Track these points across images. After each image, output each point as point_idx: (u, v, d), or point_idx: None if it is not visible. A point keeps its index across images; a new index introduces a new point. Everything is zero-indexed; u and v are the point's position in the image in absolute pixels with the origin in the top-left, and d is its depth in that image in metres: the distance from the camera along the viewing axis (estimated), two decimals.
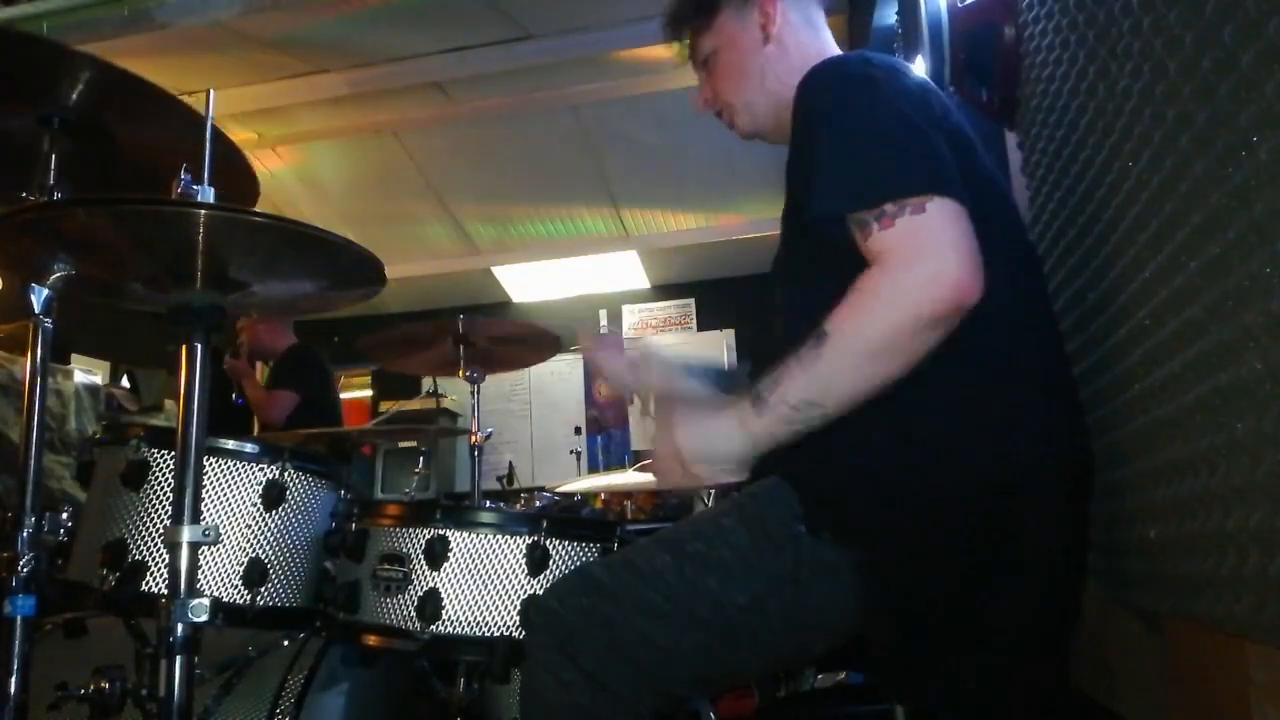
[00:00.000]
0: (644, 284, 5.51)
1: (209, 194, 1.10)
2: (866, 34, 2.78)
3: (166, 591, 1.08)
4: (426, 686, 1.52)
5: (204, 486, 1.21)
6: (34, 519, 1.23)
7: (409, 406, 4.78)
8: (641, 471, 2.50)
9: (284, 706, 1.50)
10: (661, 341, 5.47)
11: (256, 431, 3.94)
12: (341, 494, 1.59)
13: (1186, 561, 0.91)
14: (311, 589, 1.53)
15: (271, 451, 1.49)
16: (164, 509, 1.39)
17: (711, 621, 1.02)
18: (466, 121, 3.99)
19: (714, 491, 2.75)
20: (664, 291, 5.59)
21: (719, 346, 5.30)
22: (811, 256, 1.17)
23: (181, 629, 1.06)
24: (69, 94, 1.28)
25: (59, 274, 1.20)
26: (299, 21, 3.15)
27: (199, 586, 1.09)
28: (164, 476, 1.41)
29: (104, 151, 1.38)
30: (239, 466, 1.45)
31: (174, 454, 1.24)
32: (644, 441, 4.89)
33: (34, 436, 1.27)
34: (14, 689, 1.18)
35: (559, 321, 2.42)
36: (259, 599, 1.42)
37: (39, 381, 1.29)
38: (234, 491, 1.44)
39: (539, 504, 3.76)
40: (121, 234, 1.11)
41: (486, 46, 3.37)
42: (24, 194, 1.35)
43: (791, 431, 1.02)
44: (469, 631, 1.37)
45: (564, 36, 3.32)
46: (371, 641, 1.41)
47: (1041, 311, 1.17)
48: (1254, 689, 0.82)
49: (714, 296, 5.48)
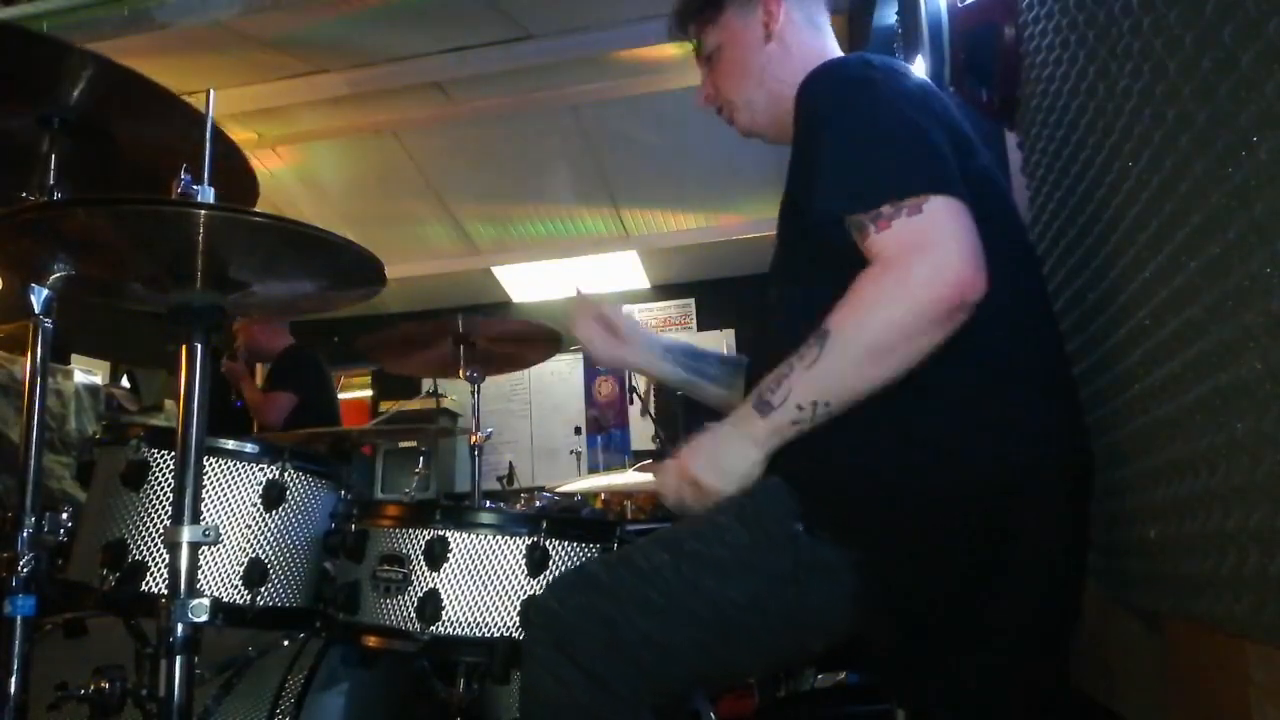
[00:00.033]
0: (644, 284, 5.51)
1: (209, 194, 1.10)
2: (866, 34, 2.78)
3: (166, 591, 1.08)
4: (426, 687, 1.52)
5: (204, 486, 1.21)
6: (34, 519, 1.24)
7: (409, 406, 4.79)
8: (641, 471, 2.49)
9: (284, 707, 1.50)
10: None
11: (256, 433, 3.93)
12: (341, 494, 1.59)
13: (1186, 561, 0.90)
14: (311, 589, 1.53)
15: (271, 451, 1.49)
16: (164, 509, 1.39)
17: (709, 620, 1.02)
18: (466, 121, 3.99)
19: None
20: (664, 291, 5.59)
21: (719, 346, 5.31)
22: (811, 257, 1.17)
23: (181, 629, 1.06)
24: (69, 93, 1.28)
25: (59, 274, 1.20)
26: (299, 21, 3.15)
27: (199, 586, 1.09)
28: (164, 476, 1.41)
29: (104, 151, 1.38)
30: (239, 466, 1.45)
31: (174, 454, 1.24)
32: (644, 441, 4.89)
33: (34, 436, 1.27)
34: (14, 689, 1.18)
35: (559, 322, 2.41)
36: (259, 599, 1.42)
37: (39, 381, 1.29)
38: (234, 491, 1.44)
39: (539, 504, 3.75)
40: (121, 234, 1.11)
41: (486, 46, 3.37)
42: (24, 194, 1.35)
43: (797, 431, 1.03)
44: (469, 632, 1.37)
45: (564, 36, 3.32)
46: (371, 642, 1.41)
47: (1041, 311, 1.17)
48: (1254, 689, 0.82)
49: (714, 296, 5.48)
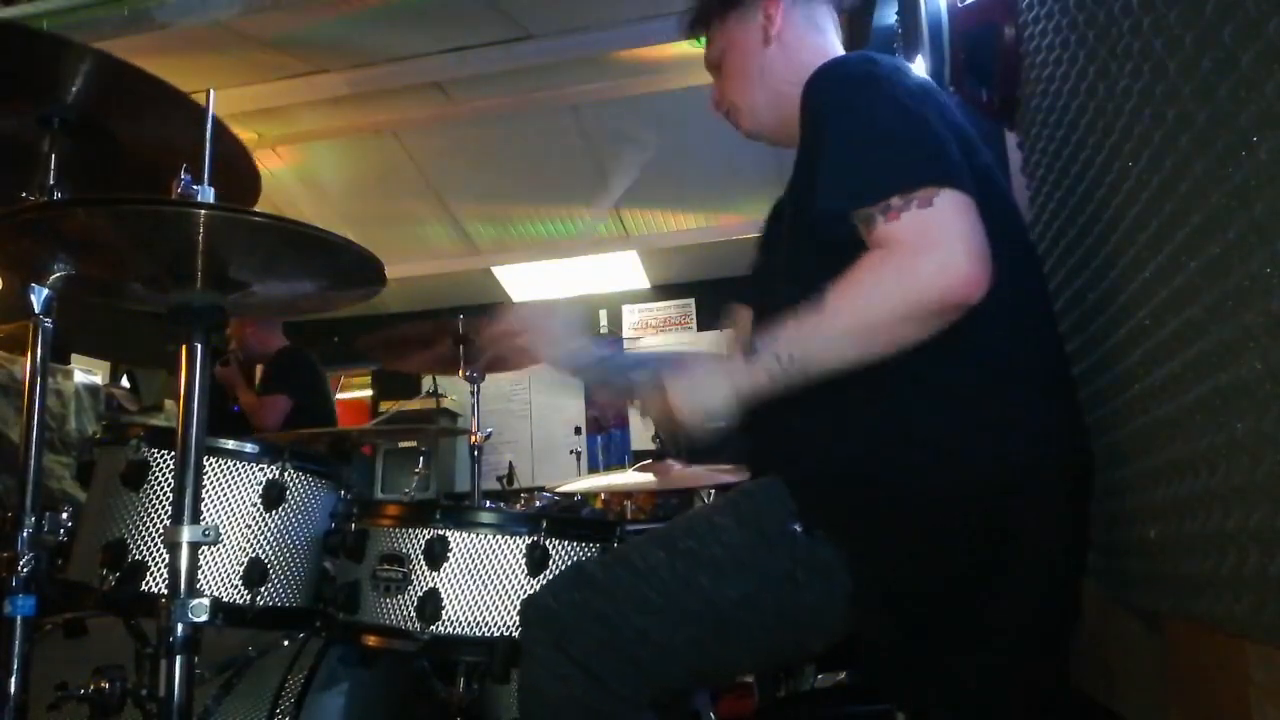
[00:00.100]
0: (644, 284, 5.51)
1: (209, 194, 1.10)
2: (866, 34, 2.77)
3: (166, 591, 1.08)
4: (426, 686, 1.52)
5: (204, 486, 1.21)
6: (34, 519, 1.24)
7: (409, 406, 4.78)
8: (641, 471, 2.50)
9: (284, 706, 1.50)
10: (660, 341, 5.47)
11: None
12: (341, 494, 1.59)
13: (1186, 561, 0.90)
14: (311, 589, 1.53)
15: (271, 451, 1.49)
16: (164, 509, 1.39)
17: (705, 618, 1.02)
18: (466, 121, 3.99)
19: (713, 491, 2.75)
20: (664, 291, 5.59)
21: (719, 347, 5.29)
22: (816, 256, 1.17)
23: (181, 629, 1.06)
24: (69, 91, 1.28)
25: (59, 274, 1.20)
26: (299, 21, 3.15)
27: (199, 586, 1.09)
28: (164, 476, 1.41)
29: (104, 151, 1.38)
30: (239, 466, 1.45)
31: (174, 454, 1.24)
32: (644, 441, 4.89)
33: (34, 436, 1.27)
34: (14, 689, 1.18)
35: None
36: (259, 599, 1.42)
37: (39, 381, 1.29)
38: (234, 491, 1.44)
39: (539, 504, 3.75)
40: (121, 234, 1.11)
41: (486, 46, 3.37)
42: (24, 194, 1.35)
43: (769, 381, 1.02)
44: (469, 632, 1.37)
45: (564, 36, 3.31)
46: (371, 642, 1.41)
47: (1041, 311, 1.17)
48: (1254, 689, 0.82)
49: (714, 296, 5.47)
